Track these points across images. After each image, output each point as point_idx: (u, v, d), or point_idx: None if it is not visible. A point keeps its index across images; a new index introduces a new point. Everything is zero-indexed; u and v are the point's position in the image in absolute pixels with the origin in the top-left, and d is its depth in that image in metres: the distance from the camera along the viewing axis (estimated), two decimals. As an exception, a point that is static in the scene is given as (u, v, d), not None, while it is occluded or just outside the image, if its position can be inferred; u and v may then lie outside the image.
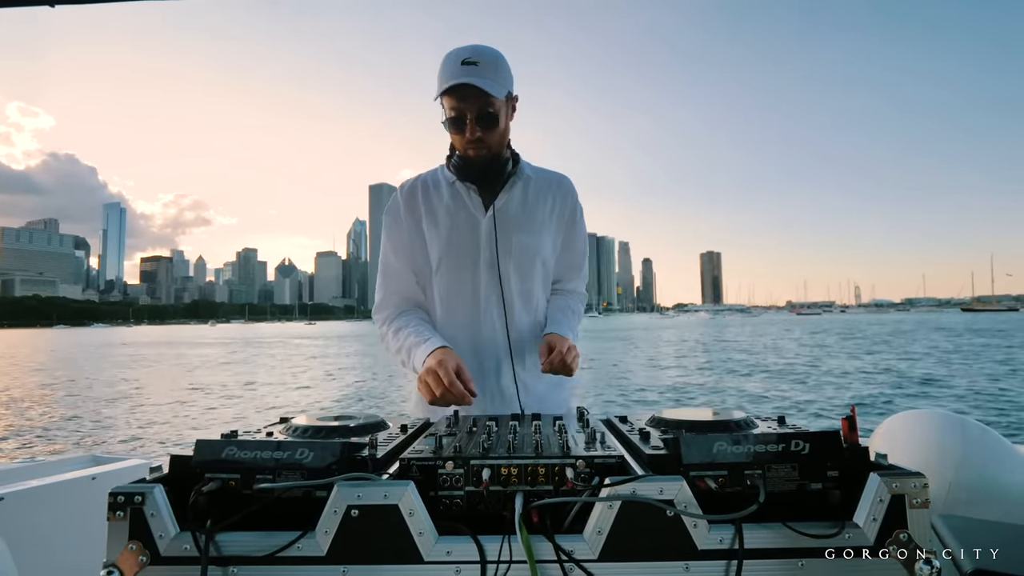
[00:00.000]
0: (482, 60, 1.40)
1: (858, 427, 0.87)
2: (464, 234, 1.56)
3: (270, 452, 0.83)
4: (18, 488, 1.63)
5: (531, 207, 1.59)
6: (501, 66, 1.44)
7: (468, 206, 1.57)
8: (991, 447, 1.33)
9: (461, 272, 1.57)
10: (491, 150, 1.50)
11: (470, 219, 1.57)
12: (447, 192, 1.59)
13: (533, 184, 1.61)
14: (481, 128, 1.44)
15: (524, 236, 1.56)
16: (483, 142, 1.47)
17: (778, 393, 14.78)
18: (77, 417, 12.42)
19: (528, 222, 1.58)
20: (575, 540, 0.77)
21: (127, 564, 0.76)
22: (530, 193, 1.60)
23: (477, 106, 1.42)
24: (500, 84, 1.43)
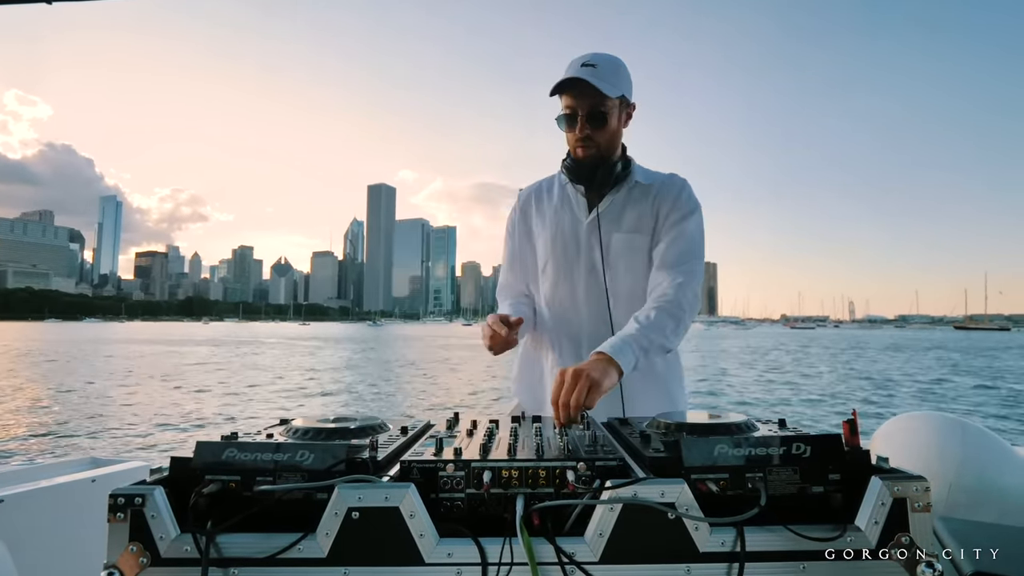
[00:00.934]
0: (600, 63, 1.47)
1: (859, 430, 0.87)
2: (567, 236, 1.63)
3: (270, 454, 0.83)
4: (18, 490, 1.63)
5: (634, 207, 1.59)
6: (619, 71, 1.50)
7: (574, 208, 1.63)
8: (991, 449, 1.33)
9: (564, 273, 1.63)
10: (599, 149, 1.53)
11: (573, 221, 1.63)
12: (558, 195, 1.67)
13: (641, 187, 1.61)
14: (591, 126, 1.49)
15: (622, 235, 1.58)
16: (592, 140, 1.51)
17: (777, 396, 14.77)
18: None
19: (628, 222, 1.58)
20: (576, 542, 0.77)
21: (127, 566, 0.76)
22: (635, 195, 1.60)
23: (588, 104, 1.47)
24: (614, 86, 1.47)
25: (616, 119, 1.53)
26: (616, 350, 1.27)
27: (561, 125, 1.54)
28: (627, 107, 1.56)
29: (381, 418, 1.16)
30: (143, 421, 11.33)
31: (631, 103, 1.57)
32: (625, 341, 1.32)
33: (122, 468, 1.97)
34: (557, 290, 1.64)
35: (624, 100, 1.54)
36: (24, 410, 12.41)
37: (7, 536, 1.46)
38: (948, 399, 15.23)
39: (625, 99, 1.54)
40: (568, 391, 1.12)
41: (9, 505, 1.58)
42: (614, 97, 1.48)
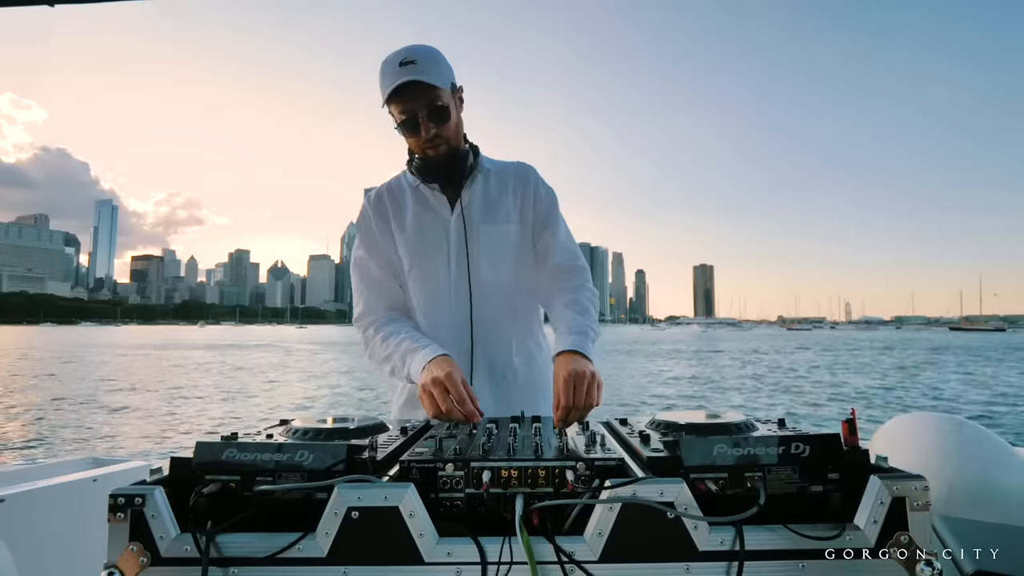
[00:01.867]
0: (419, 58, 1.38)
1: (858, 430, 0.87)
2: (433, 235, 1.56)
3: (270, 454, 0.83)
4: (19, 490, 1.63)
5: (495, 198, 1.58)
6: (439, 60, 1.43)
7: (434, 207, 1.58)
8: (990, 449, 1.33)
9: (433, 274, 1.57)
10: (449, 145, 1.49)
11: (437, 219, 1.57)
12: (411, 196, 1.60)
13: (494, 176, 1.60)
14: (435, 124, 1.43)
15: (490, 226, 1.55)
16: (440, 137, 1.45)
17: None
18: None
19: (494, 212, 1.56)
20: (576, 542, 0.77)
21: (128, 565, 0.76)
22: (492, 184, 1.59)
23: (425, 102, 1.40)
24: (443, 76, 1.42)
25: (455, 109, 1.48)
26: (582, 345, 1.31)
27: (403, 132, 1.47)
28: (458, 92, 1.51)
29: (381, 418, 1.16)
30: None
31: (459, 87, 1.51)
32: (584, 335, 1.34)
33: (123, 468, 1.97)
34: (426, 292, 1.57)
35: (454, 86, 1.48)
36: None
37: (8, 536, 1.46)
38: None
39: (454, 85, 1.48)
40: (581, 394, 1.14)
41: (10, 505, 1.58)
42: (446, 88, 1.42)
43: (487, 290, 1.55)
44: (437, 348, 1.38)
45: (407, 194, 1.60)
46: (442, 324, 1.56)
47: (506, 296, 1.58)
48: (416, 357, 1.37)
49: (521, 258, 1.59)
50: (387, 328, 1.52)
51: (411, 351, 1.41)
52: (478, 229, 1.55)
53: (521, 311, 1.62)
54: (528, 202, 1.59)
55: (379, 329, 1.53)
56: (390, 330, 1.51)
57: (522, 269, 1.59)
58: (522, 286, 1.60)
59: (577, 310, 1.45)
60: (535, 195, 1.60)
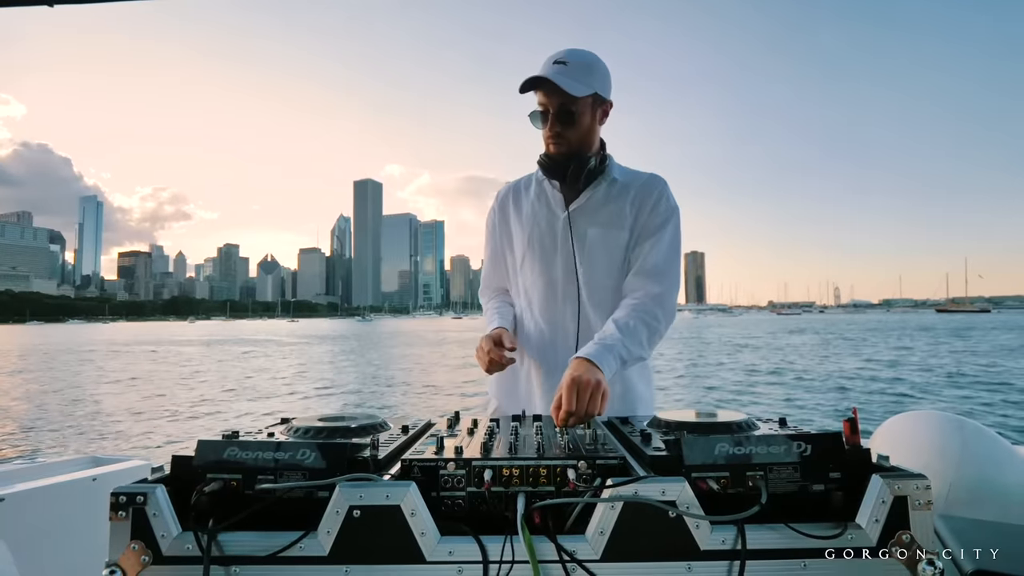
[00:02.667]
0: (572, 61, 1.46)
1: (859, 429, 0.87)
2: (543, 230, 1.64)
3: (272, 452, 0.83)
4: (19, 489, 1.63)
5: (611, 203, 1.59)
6: (591, 69, 1.49)
7: (550, 203, 1.64)
8: (991, 448, 1.33)
9: (540, 267, 1.64)
10: (571, 147, 1.53)
11: (550, 215, 1.64)
12: (534, 191, 1.69)
13: (619, 184, 1.61)
14: (560, 124, 1.50)
15: (597, 230, 1.58)
16: (562, 137, 1.52)
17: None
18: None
19: (604, 217, 1.58)
20: (577, 540, 0.77)
21: (129, 564, 0.76)
22: (613, 192, 1.60)
23: (557, 102, 1.48)
24: (583, 85, 1.46)
25: (589, 117, 1.52)
26: (599, 357, 1.28)
27: (534, 121, 1.55)
28: (602, 104, 1.55)
29: (382, 417, 1.16)
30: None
31: (607, 100, 1.56)
32: (607, 348, 1.32)
33: (123, 467, 1.97)
34: (532, 284, 1.65)
35: (598, 98, 1.53)
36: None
37: (8, 534, 1.46)
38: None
39: (599, 97, 1.53)
40: (584, 400, 1.13)
41: (10, 504, 1.58)
42: (582, 96, 1.47)
43: (591, 291, 1.59)
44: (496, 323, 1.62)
45: (532, 188, 1.70)
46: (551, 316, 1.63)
47: (606, 300, 1.59)
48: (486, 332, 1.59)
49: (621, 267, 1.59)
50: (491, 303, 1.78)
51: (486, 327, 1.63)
52: (585, 231, 1.59)
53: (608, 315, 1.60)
54: (644, 212, 1.58)
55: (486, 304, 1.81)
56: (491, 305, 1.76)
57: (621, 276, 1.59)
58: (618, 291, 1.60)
59: (620, 326, 1.41)
60: (653, 207, 1.58)
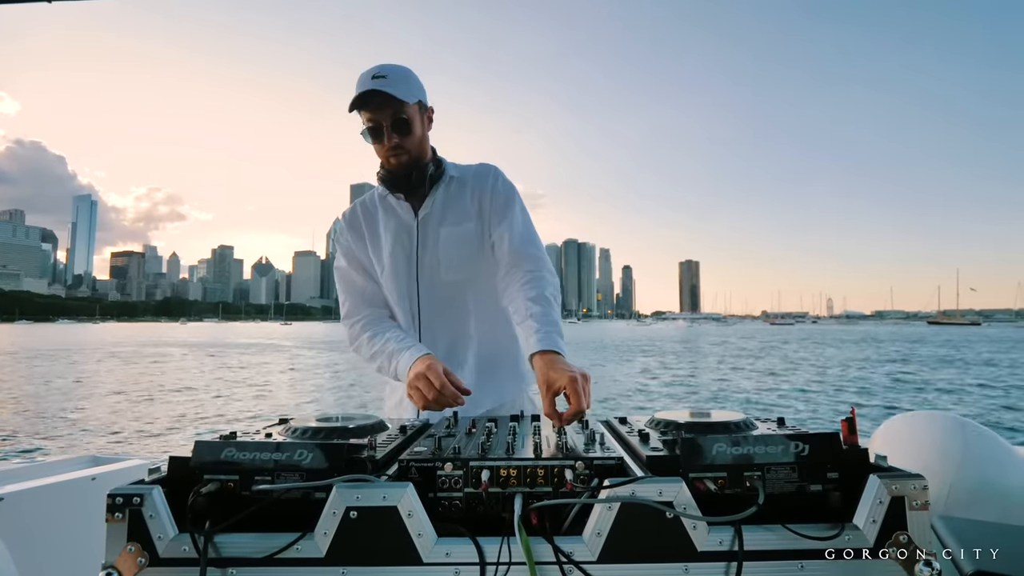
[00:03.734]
0: (390, 74, 1.50)
1: (858, 429, 0.87)
2: (399, 244, 1.64)
3: (269, 453, 0.83)
4: (18, 488, 1.63)
5: (454, 200, 1.64)
6: (410, 78, 1.54)
7: (400, 216, 1.65)
8: (991, 448, 1.33)
9: (400, 280, 1.64)
10: (411, 156, 1.56)
11: (401, 226, 1.65)
12: (381, 208, 1.69)
13: (456, 182, 1.66)
14: (398, 135, 1.52)
15: (448, 228, 1.61)
16: (402, 148, 1.54)
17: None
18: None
19: (452, 215, 1.63)
20: (574, 542, 0.77)
21: (125, 565, 0.76)
22: (453, 190, 1.65)
23: (390, 113, 1.50)
24: (409, 93, 1.51)
25: (419, 124, 1.57)
26: (555, 343, 1.31)
27: (367, 139, 1.56)
28: (426, 111, 1.61)
29: (380, 417, 1.16)
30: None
31: (428, 107, 1.62)
32: (553, 331, 1.36)
33: (122, 467, 1.97)
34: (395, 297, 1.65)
35: (422, 104, 1.58)
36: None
37: (6, 534, 1.46)
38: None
39: (422, 103, 1.58)
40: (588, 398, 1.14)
41: (9, 503, 1.58)
42: (412, 103, 1.52)
43: (437, 291, 1.62)
44: (421, 348, 1.46)
45: (378, 206, 1.70)
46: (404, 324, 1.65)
47: (460, 294, 1.64)
48: (402, 358, 1.45)
49: (480, 256, 1.64)
50: (374, 327, 1.61)
51: (397, 352, 1.48)
52: (436, 232, 1.61)
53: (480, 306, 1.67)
54: (485, 199, 1.64)
55: (366, 327, 1.62)
56: (376, 329, 1.59)
57: (481, 267, 1.64)
58: (481, 281, 1.65)
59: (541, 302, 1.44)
60: (492, 191, 1.64)
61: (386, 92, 1.46)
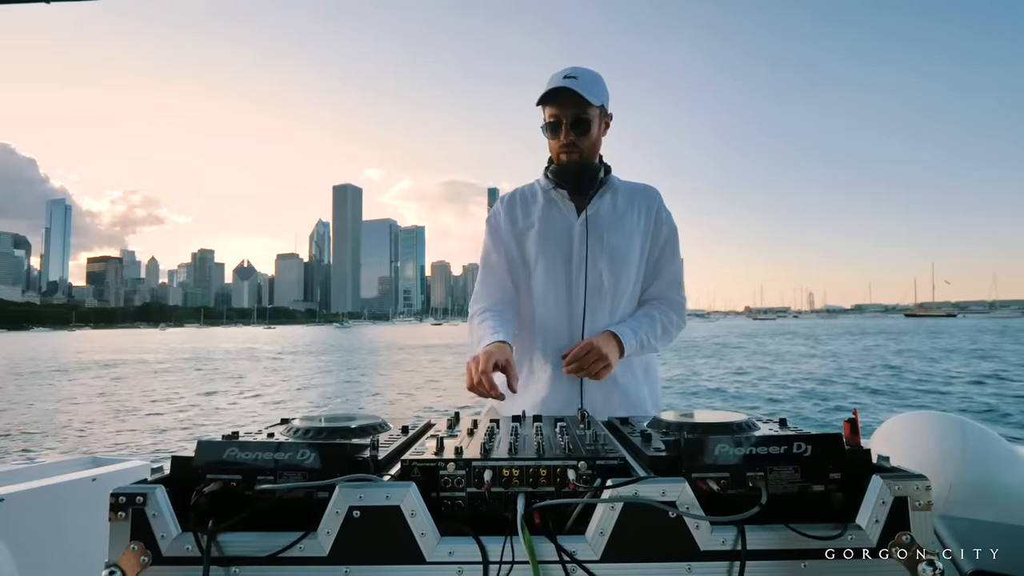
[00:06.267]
0: (581, 76, 1.56)
1: (860, 429, 0.87)
2: (559, 236, 1.67)
3: (271, 453, 0.83)
4: (19, 489, 1.63)
5: (621, 212, 1.68)
6: (598, 83, 1.60)
7: (562, 211, 1.69)
8: (991, 448, 1.33)
9: (555, 271, 1.67)
10: (582, 156, 1.61)
11: (564, 222, 1.68)
12: (542, 199, 1.72)
13: (622, 193, 1.70)
14: (575, 132, 1.58)
15: (616, 238, 1.65)
16: (575, 146, 1.59)
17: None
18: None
19: (620, 225, 1.67)
20: (577, 541, 0.77)
21: (129, 564, 0.76)
22: (619, 200, 1.69)
23: (572, 112, 1.56)
24: (596, 95, 1.56)
25: (597, 127, 1.62)
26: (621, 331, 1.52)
27: (546, 133, 1.63)
28: (606, 116, 1.66)
29: (382, 417, 1.16)
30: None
31: (609, 113, 1.67)
32: (631, 328, 1.55)
33: (123, 467, 1.97)
34: (547, 288, 1.67)
35: (603, 109, 1.63)
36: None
37: (8, 535, 1.46)
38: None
39: (604, 108, 1.63)
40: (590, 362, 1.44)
41: (10, 504, 1.58)
42: (596, 105, 1.57)
43: (602, 294, 1.65)
44: (500, 335, 1.52)
45: (539, 196, 1.73)
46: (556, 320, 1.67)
47: (617, 302, 1.67)
48: (483, 342, 1.51)
49: (638, 270, 1.70)
50: (484, 314, 1.66)
51: (483, 335, 1.55)
52: (603, 237, 1.64)
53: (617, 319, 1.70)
54: (651, 221, 1.70)
55: (479, 314, 1.68)
56: (484, 316, 1.65)
57: (636, 280, 1.70)
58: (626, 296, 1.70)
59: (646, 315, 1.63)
60: (658, 217, 1.71)
61: (573, 90, 1.52)
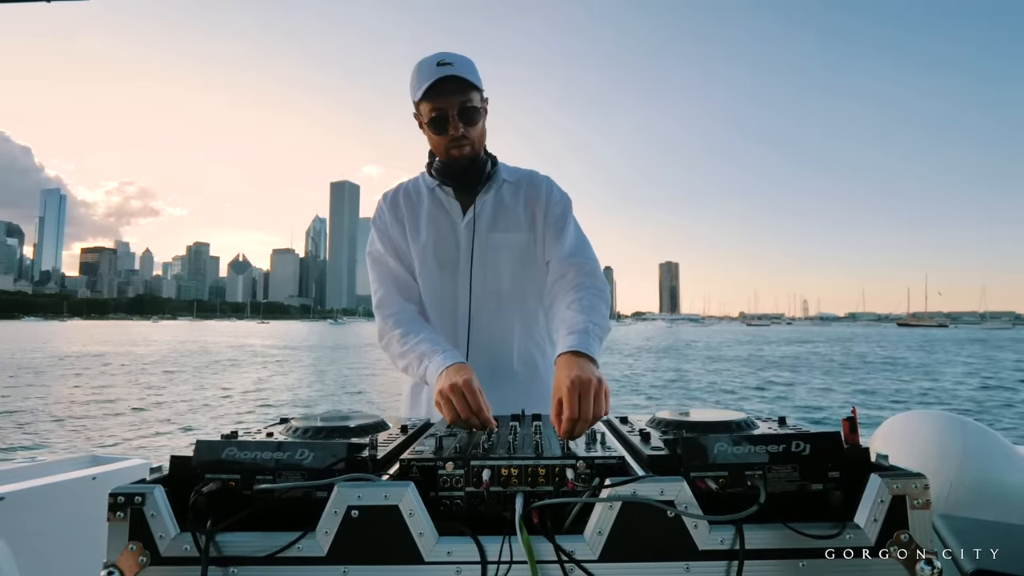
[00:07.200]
0: (455, 61, 1.43)
1: (859, 428, 0.87)
2: (444, 238, 1.58)
3: (270, 453, 0.83)
4: (18, 488, 1.63)
5: (507, 206, 1.59)
6: (473, 65, 1.47)
7: (448, 210, 1.60)
8: (991, 447, 1.33)
9: (440, 276, 1.58)
10: (474, 148, 1.50)
11: (450, 223, 1.59)
12: (428, 198, 1.61)
13: (509, 185, 1.62)
14: (464, 123, 1.45)
15: (499, 235, 1.57)
16: (466, 139, 1.47)
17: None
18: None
19: (503, 220, 1.58)
20: (575, 541, 0.77)
21: (127, 564, 0.76)
22: (505, 193, 1.61)
23: (458, 101, 1.43)
24: (477, 78, 1.45)
25: (483, 114, 1.51)
26: (584, 344, 1.22)
27: (430, 130, 1.48)
28: (485, 102, 1.54)
29: (381, 416, 1.16)
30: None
31: (486, 97, 1.54)
32: (585, 333, 1.26)
33: (122, 466, 1.97)
34: (432, 294, 1.59)
35: (483, 95, 1.51)
36: None
37: (8, 533, 1.46)
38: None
39: (483, 94, 1.51)
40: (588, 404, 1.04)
41: (10, 503, 1.58)
42: (480, 89, 1.46)
43: (488, 298, 1.57)
44: (454, 354, 1.35)
45: (424, 195, 1.63)
46: (442, 328, 1.57)
47: (507, 304, 1.58)
48: (433, 361, 1.34)
49: (529, 267, 1.59)
50: (406, 325, 1.50)
51: (428, 354, 1.37)
52: (486, 237, 1.56)
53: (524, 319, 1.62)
54: (540, 209, 1.59)
55: (398, 324, 1.51)
56: (409, 328, 1.49)
57: (529, 278, 1.60)
58: (529, 294, 1.60)
59: (579, 308, 1.37)
60: (547, 202, 1.59)
61: (458, 76, 1.40)
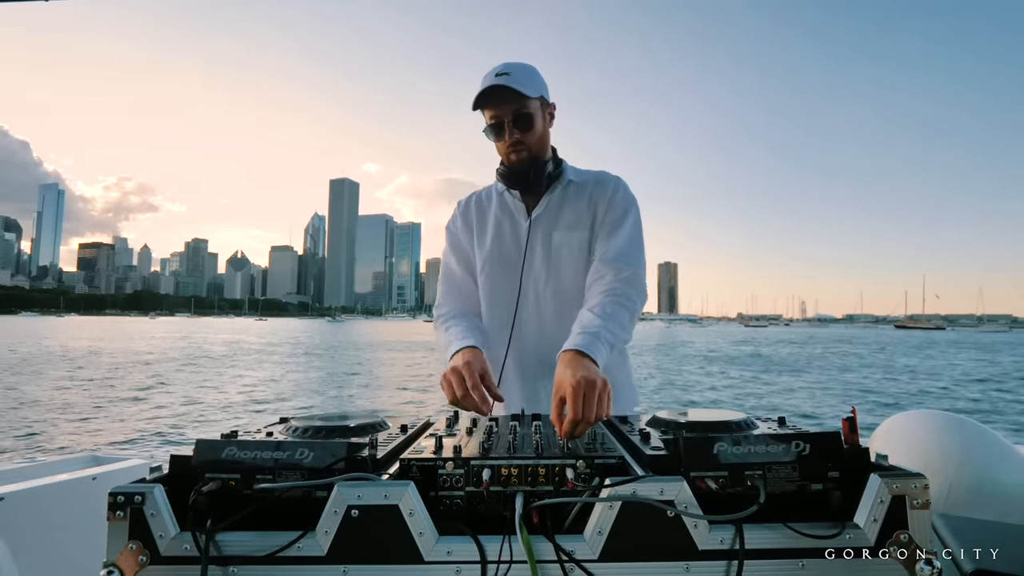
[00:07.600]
0: (514, 71, 1.49)
1: (859, 428, 0.87)
2: (507, 239, 1.64)
3: (270, 452, 0.83)
4: (19, 488, 1.63)
5: (570, 205, 1.61)
6: (534, 75, 1.53)
7: (513, 213, 1.65)
8: (991, 447, 1.33)
9: (502, 276, 1.63)
10: (531, 152, 1.55)
11: (514, 225, 1.64)
12: (496, 202, 1.69)
13: (574, 186, 1.64)
14: (518, 130, 1.52)
15: (561, 233, 1.59)
16: (522, 144, 1.53)
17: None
18: None
19: (565, 219, 1.60)
20: (575, 540, 0.77)
21: (127, 564, 0.76)
22: (570, 193, 1.63)
23: (512, 109, 1.50)
24: (532, 88, 1.50)
25: (541, 120, 1.56)
26: (589, 346, 1.22)
27: (489, 136, 1.57)
28: (548, 107, 1.60)
29: (381, 416, 1.16)
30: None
31: (551, 103, 1.61)
32: (594, 336, 1.26)
33: (122, 466, 1.97)
34: (493, 293, 1.64)
35: (544, 100, 1.57)
36: None
37: (8, 533, 1.46)
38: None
39: (544, 99, 1.57)
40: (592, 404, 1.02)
41: (10, 503, 1.58)
42: (534, 98, 1.51)
43: (549, 295, 1.59)
44: (470, 340, 1.40)
45: (493, 200, 1.70)
46: (494, 328, 1.63)
47: (568, 301, 1.58)
48: (451, 347, 1.42)
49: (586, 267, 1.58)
50: (450, 321, 1.58)
51: (451, 341, 1.45)
52: (548, 236, 1.60)
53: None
54: (602, 209, 1.59)
55: (444, 321, 1.59)
56: (451, 323, 1.56)
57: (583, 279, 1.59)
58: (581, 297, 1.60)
59: (599, 312, 1.36)
60: (610, 201, 1.59)
61: (508, 87, 1.45)
